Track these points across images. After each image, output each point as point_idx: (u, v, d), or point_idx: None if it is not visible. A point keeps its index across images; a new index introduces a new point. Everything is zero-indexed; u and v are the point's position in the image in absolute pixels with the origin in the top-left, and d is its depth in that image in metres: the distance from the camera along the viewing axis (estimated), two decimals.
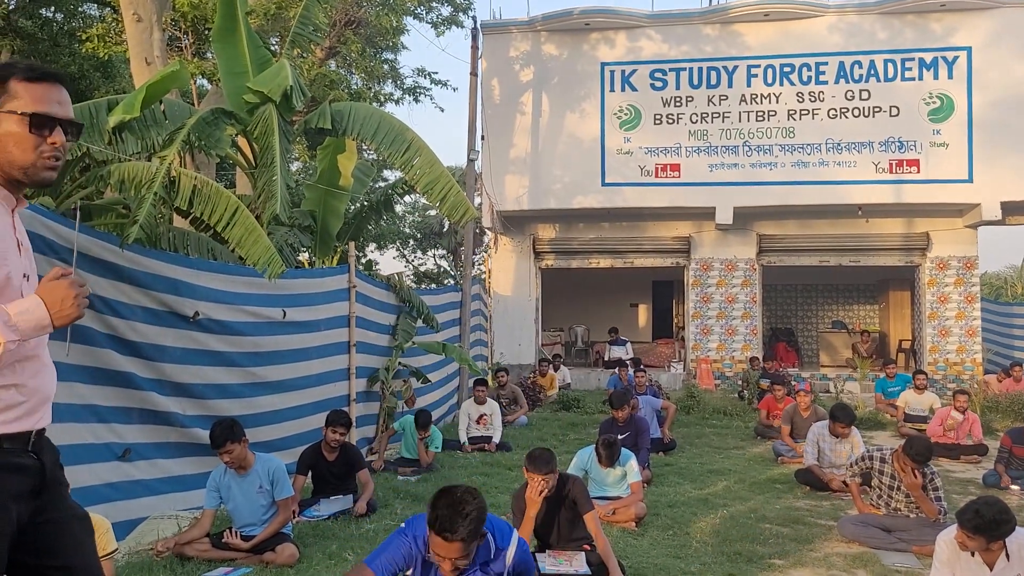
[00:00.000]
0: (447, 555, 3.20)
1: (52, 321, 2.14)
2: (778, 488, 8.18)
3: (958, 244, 17.70)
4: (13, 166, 2.23)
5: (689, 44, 17.81)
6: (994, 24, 16.79)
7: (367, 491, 6.88)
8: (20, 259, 2.27)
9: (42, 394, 2.31)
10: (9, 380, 2.20)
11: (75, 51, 16.06)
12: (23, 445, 2.27)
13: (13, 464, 2.24)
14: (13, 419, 2.22)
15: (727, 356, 18.30)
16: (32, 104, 2.22)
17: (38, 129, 2.22)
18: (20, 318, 2.11)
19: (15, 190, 2.29)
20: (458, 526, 3.15)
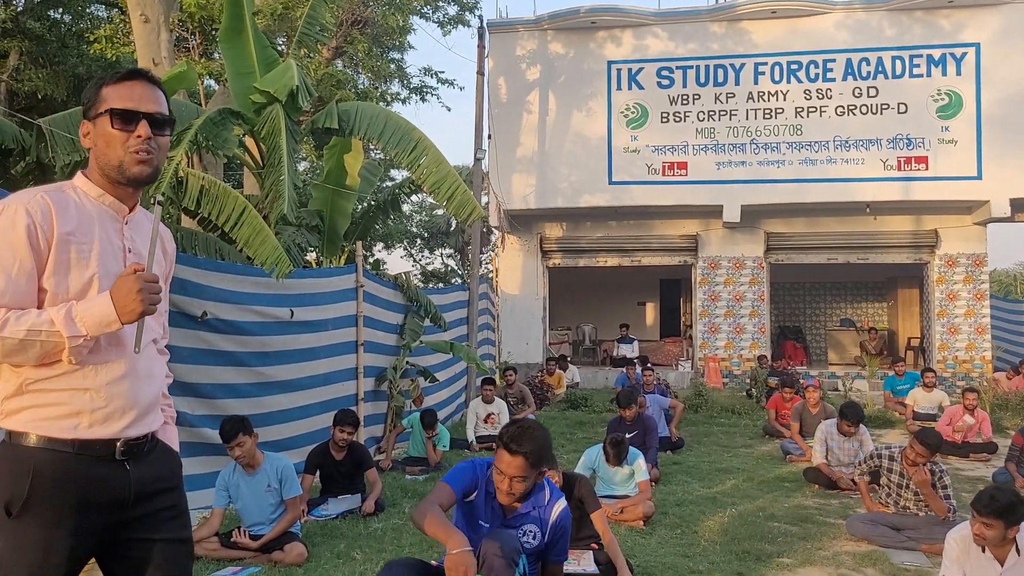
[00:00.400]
0: (508, 470, 3.43)
1: (118, 316, 2.11)
2: (787, 487, 8.16)
3: (967, 241, 17.63)
4: (109, 166, 2.26)
5: (696, 42, 17.77)
6: (1003, 20, 16.71)
7: (375, 490, 6.88)
8: (121, 265, 2.26)
9: (126, 401, 2.24)
10: (84, 384, 2.19)
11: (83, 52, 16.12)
12: (107, 453, 2.22)
13: (87, 474, 2.19)
14: (87, 425, 2.18)
15: (735, 354, 18.27)
16: (115, 102, 2.25)
17: (122, 124, 2.24)
18: (84, 314, 2.11)
19: (125, 196, 2.32)
20: (524, 441, 3.42)
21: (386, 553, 5.54)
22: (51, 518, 2.14)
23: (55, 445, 2.15)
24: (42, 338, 2.09)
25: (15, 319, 2.08)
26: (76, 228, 2.20)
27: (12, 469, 2.15)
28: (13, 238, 2.12)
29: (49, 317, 2.10)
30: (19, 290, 2.13)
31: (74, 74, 16.14)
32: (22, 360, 2.12)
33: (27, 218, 2.13)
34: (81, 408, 2.17)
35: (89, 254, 2.21)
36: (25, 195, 2.20)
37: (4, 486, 2.14)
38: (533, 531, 3.63)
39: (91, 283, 2.19)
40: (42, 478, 2.13)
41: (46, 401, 2.16)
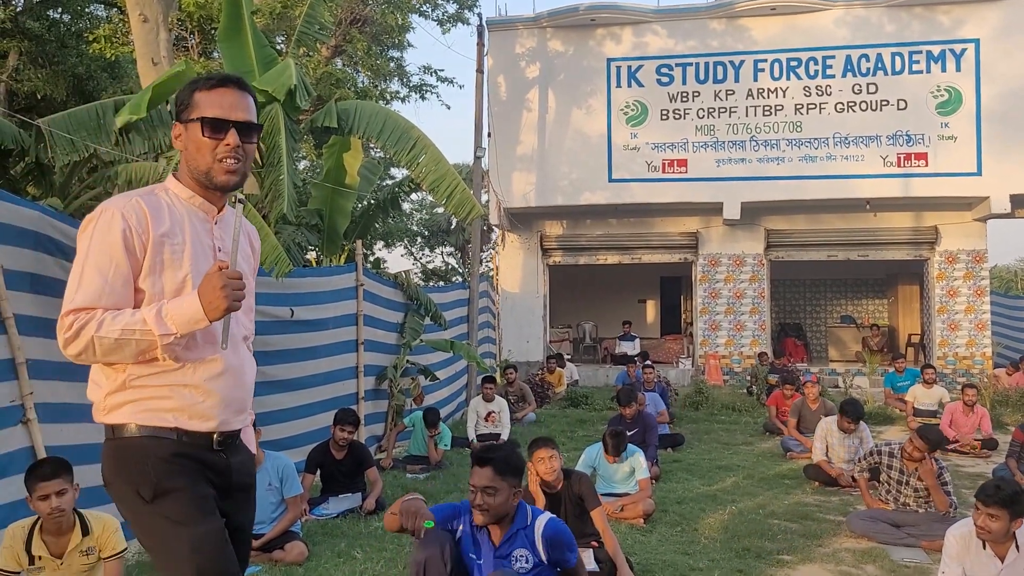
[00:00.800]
0: (478, 482, 3.52)
1: (206, 314, 2.18)
2: (787, 484, 8.17)
3: (967, 238, 17.62)
4: (199, 171, 2.35)
5: (695, 39, 17.76)
6: (1002, 16, 16.69)
7: (376, 489, 6.90)
8: (209, 263, 2.33)
9: (222, 397, 2.34)
10: (184, 380, 2.28)
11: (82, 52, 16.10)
12: (206, 443, 2.33)
13: (197, 455, 2.31)
14: (187, 418, 2.28)
15: (735, 352, 18.27)
16: (207, 110, 2.32)
17: (212, 132, 2.31)
18: (174, 313, 2.18)
19: (214, 198, 2.41)
20: (491, 451, 3.59)
21: (387, 552, 5.55)
22: (188, 485, 2.26)
23: (158, 432, 2.26)
24: (136, 337, 2.17)
25: (111, 319, 2.17)
26: (169, 230, 2.29)
27: (126, 460, 2.26)
28: (110, 242, 2.21)
29: (142, 317, 2.18)
30: (115, 292, 2.22)
31: (73, 74, 16.13)
32: (120, 358, 2.22)
33: (123, 223, 2.22)
34: (182, 404, 2.28)
35: (182, 254, 2.30)
36: (121, 200, 2.29)
37: (127, 478, 2.26)
38: (524, 555, 3.66)
39: (185, 282, 2.29)
40: (158, 459, 2.24)
41: (148, 395, 2.26)
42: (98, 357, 2.20)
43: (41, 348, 4.96)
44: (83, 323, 2.17)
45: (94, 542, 4.04)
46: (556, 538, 3.69)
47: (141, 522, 2.29)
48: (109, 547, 4.08)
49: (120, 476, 2.28)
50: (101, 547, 4.05)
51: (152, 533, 2.27)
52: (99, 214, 2.25)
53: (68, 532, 3.98)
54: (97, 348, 2.17)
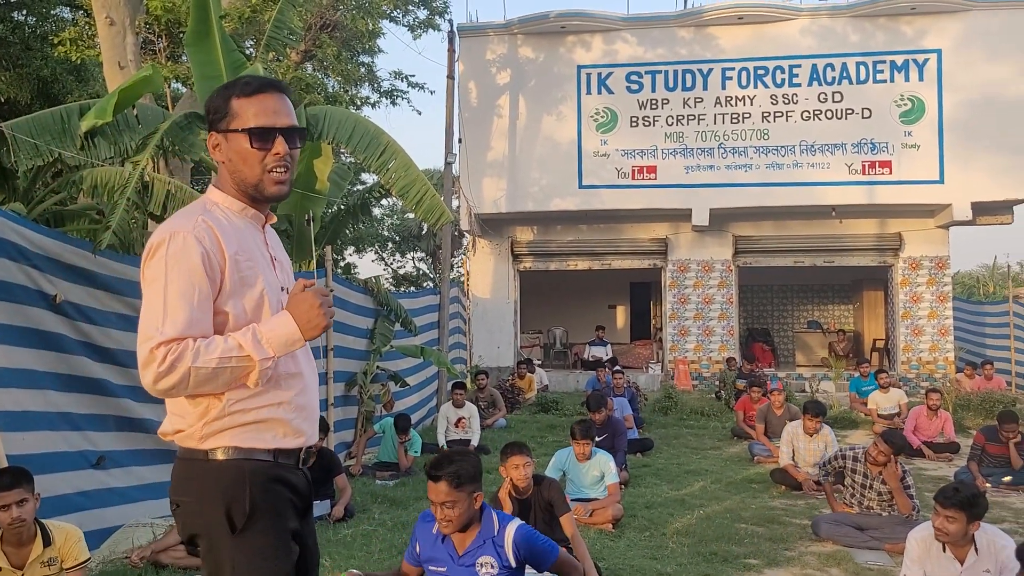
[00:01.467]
0: (435, 498, 3.49)
1: (303, 334, 2.16)
2: (754, 488, 8.25)
3: (930, 244, 17.93)
4: (247, 184, 2.27)
5: (664, 47, 17.91)
6: (964, 26, 17.03)
7: (344, 496, 6.87)
8: (275, 274, 2.32)
9: (310, 411, 2.34)
10: (278, 398, 2.24)
11: (47, 55, 15.87)
12: (295, 462, 2.30)
13: (287, 479, 2.26)
14: (282, 435, 2.24)
15: (704, 357, 18.42)
16: (251, 119, 2.23)
17: (260, 142, 2.23)
18: (271, 335, 2.14)
19: (262, 207, 2.35)
20: (442, 465, 3.48)
21: (355, 560, 5.53)
22: (277, 522, 2.22)
23: (256, 455, 2.21)
24: (232, 364, 2.10)
25: (205, 348, 2.09)
26: (239, 247, 2.23)
27: (221, 483, 2.18)
28: (190, 267, 2.12)
29: (237, 342, 2.12)
30: (202, 320, 2.13)
31: (38, 77, 15.89)
32: (211, 388, 2.14)
33: (199, 246, 2.13)
34: (278, 419, 2.24)
35: (254, 270, 2.25)
36: (187, 221, 2.19)
37: (219, 502, 2.17)
38: (489, 562, 3.64)
39: (262, 299, 2.24)
40: (256, 486, 2.18)
41: (247, 420, 2.20)
42: (190, 389, 2.11)
43: (3, 355, 4.89)
44: (177, 355, 2.06)
45: (56, 552, 3.99)
46: (530, 543, 3.69)
47: (216, 553, 2.22)
48: (71, 557, 4.02)
49: (210, 500, 2.19)
50: (63, 557, 4.00)
51: (231, 562, 2.19)
52: (168, 238, 2.15)
53: (29, 543, 3.92)
54: (192, 379, 2.08)
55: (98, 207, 8.16)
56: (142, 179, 6.95)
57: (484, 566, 3.63)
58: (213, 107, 2.30)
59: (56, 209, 8.31)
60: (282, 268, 2.39)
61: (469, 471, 3.52)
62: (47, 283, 5.28)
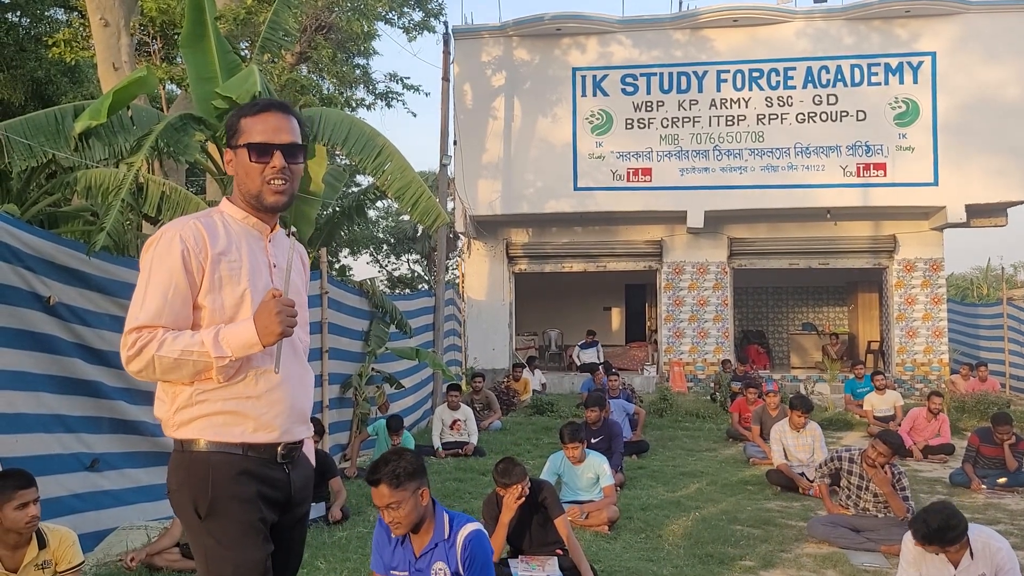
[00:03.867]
0: (379, 501, 3.48)
1: (260, 338, 2.30)
2: (750, 490, 8.26)
3: (924, 246, 17.97)
4: (250, 194, 2.49)
5: (660, 49, 17.93)
6: (958, 29, 17.08)
7: (339, 498, 6.86)
8: (270, 279, 2.49)
9: (284, 407, 2.44)
10: (247, 393, 2.39)
11: (41, 56, 15.84)
12: (271, 457, 2.43)
13: (258, 473, 2.39)
14: (252, 430, 2.38)
15: (699, 359, 18.43)
16: (254, 135, 2.45)
17: (258, 157, 2.45)
18: (230, 337, 2.30)
19: (265, 218, 2.55)
20: (379, 471, 3.45)
21: (350, 562, 5.52)
22: (241, 513, 2.35)
23: (225, 448, 2.37)
24: (193, 358, 2.28)
25: (171, 339, 2.28)
26: (226, 248, 2.42)
27: (191, 474, 2.37)
28: (169, 263, 2.34)
29: (200, 339, 2.30)
30: (175, 311, 2.33)
31: (32, 78, 15.85)
32: (177, 378, 2.33)
33: (181, 244, 2.35)
34: (247, 414, 2.38)
35: (239, 271, 2.42)
36: (179, 223, 2.43)
37: (188, 492, 2.37)
38: (443, 569, 3.58)
39: (243, 298, 2.42)
40: (220, 476, 2.34)
41: (214, 409, 2.36)
42: (158, 375, 2.31)
43: None
44: (145, 342, 2.28)
45: (50, 555, 3.97)
46: (475, 553, 3.59)
47: (193, 536, 2.41)
48: (66, 560, 4.01)
49: (183, 489, 2.38)
50: (58, 560, 3.98)
51: (200, 549, 2.39)
52: (159, 237, 2.38)
53: (24, 546, 3.90)
54: (157, 367, 2.28)
55: (92, 209, 8.14)
56: (136, 181, 6.93)
57: (438, 573, 3.58)
58: (228, 125, 2.54)
59: (50, 211, 8.28)
60: (281, 274, 2.51)
61: (407, 468, 3.46)
62: (41, 285, 5.26)
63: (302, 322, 2.58)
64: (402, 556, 3.64)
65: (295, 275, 2.57)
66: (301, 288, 2.63)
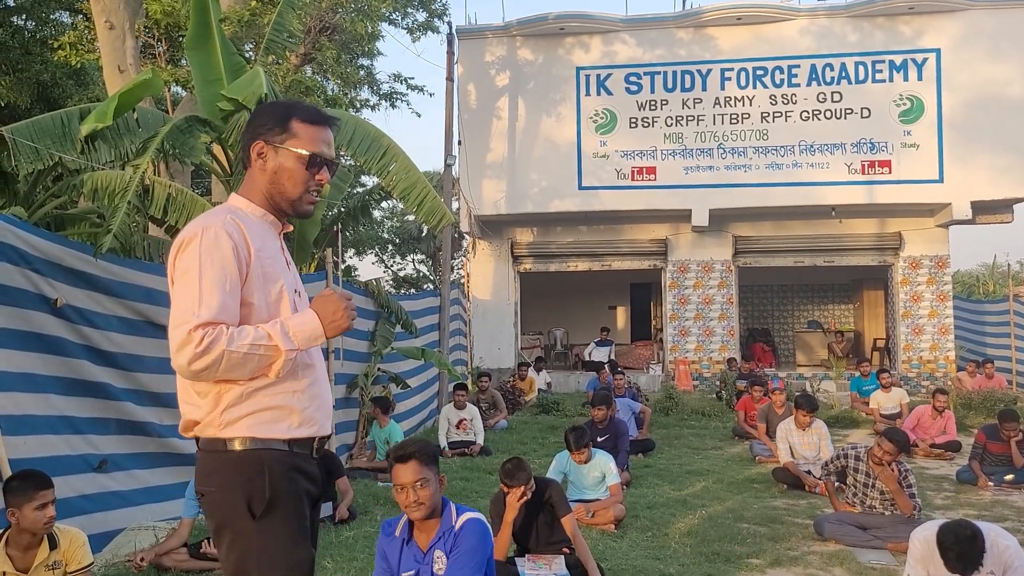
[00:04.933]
0: (407, 479, 3.41)
1: (325, 331, 2.31)
2: (756, 488, 8.25)
3: (930, 243, 17.94)
4: (283, 198, 2.48)
5: (663, 48, 17.93)
6: (962, 26, 17.04)
7: (346, 498, 6.87)
8: (292, 276, 2.50)
9: (322, 401, 2.46)
10: (293, 387, 2.37)
11: (47, 59, 15.89)
12: (309, 451, 2.43)
13: (302, 468, 2.39)
14: (297, 424, 2.37)
15: (705, 357, 18.42)
16: (310, 144, 2.45)
17: (311, 167, 2.46)
18: (297, 329, 2.29)
19: (281, 217, 2.55)
20: (408, 446, 3.50)
21: (357, 561, 5.53)
22: (295, 511, 2.34)
23: (273, 444, 2.33)
24: (261, 352, 2.26)
25: (238, 333, 2.24)
26: (262, 244, 2.42)
27: (242, 472, 2.30)
28: (222, 256, 2.29)
29: (267, 332, 2.28)
30: (232, 306, 2.30)
31: (38, 81, 15.90)
32: (240, 374, 2.28)
33: (229, 239, 2.32)
34: (293, 408, 2.36)
35: (275, 266, 2.44)
36: (215, 218, 2.37)
37: (240, 491, 2.29)
38: (441, 556, 3.55)
39: (281, 293, 2.42)
40: (275, 474, 2.30)
41: (264, 405, 2.33)
42: (220, 373, 2.24)
43: (4, 359, 4.89)
44: (213, 338, 2.20)
45: (61, 556, 3.99)
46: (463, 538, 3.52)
47: (247, 538, 2.30)
48: (76, 561, 4.03)
49: (232, 489, 2.29)
50: (68, 561, 4.01)
51: (248, 551, 2.29)
52: (201, 232, 2.31)
53: (35, 546, 3.93)
54: (224, 363, 2.21)
55: (99, 211, 8.16)
56: (143, 183, 6.95)
57: (438, 560, 3.55)
58: (269, 118, 2.48)
59: (57, 213, 8.31)
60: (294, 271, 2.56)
61: (432, 452, 3.54)
62: (48, 287, 5.28)
63: None
64: (410, 556, 3.61)
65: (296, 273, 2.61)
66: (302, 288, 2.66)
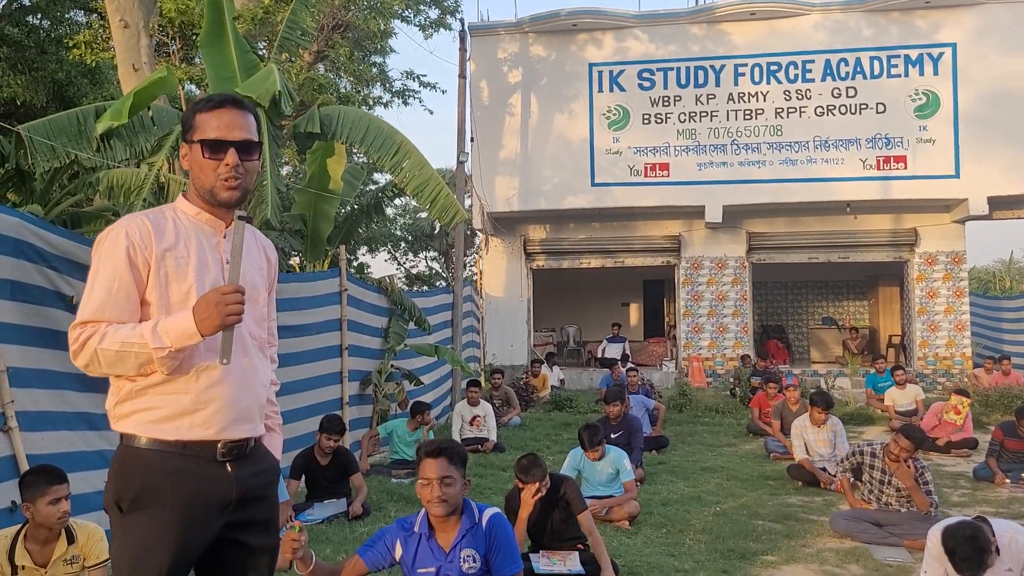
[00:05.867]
0: (434, 473, 3.44)
1: (199, 329, 2.25)
2: (770, 484, 8.22)
3: (946, 239, 17.81)
4: (203, 189, 2.45)
5: (676, 44, 17.86)
6: (978, 20, 16.90)
7: (361, 494, 6.89)
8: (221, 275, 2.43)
9: (223, 404, 2.38)
10: (185, 389, 2.34)
11: (62, 58, 15.99)
12: (210, 454, 2.37)
13: (195, 471, 2.34)
14: (188, 427, 2.34)
15: (718, 354, 18.36)
16: (209, 131, 2.42)
17: (212, 153, 2.41)
18: (168, 327, 2.25)
19: (220, 213, 2.50)
20: (442, 445, 3.54)
21: None
22: (160, 515, 2.31)
23: (162, 446, 2.33)
24: (135, 350, 2.25)
25: (112, 332, 2.26)
26: (173, 244, 2.40)
27: (123, 468, 2.34)
28: (114, 258, 2.33)
29: (140, 331, 2.26)
30: (118, 305, 2.31)
31: (53, 80, 16.01)
32: (122, 371, 2.29)
33: (126, 240, 2.34)
34: (183, 410, 2.34)
35: (186, 268, 2.40)
36: (127, 219, 2.41)
37: (117, 484, 2.34)
38: (472, 555, 3.55)
39: (189, 293, 2.38)
40: (152, 475, 2.31)
41: (152, 404, 2.33)
42: (103, 369, 2.28)
43: (21, 356, 4.93)
44: (88, 335, 2.26)
45: (79, 550, 4.02)
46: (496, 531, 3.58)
47: (113, 527, 2.38)
48: (93, 556, 4.05)
49: (113, 480, 2.36)
50: (86, 555, 4.03)
51: (116, 541, 2.37)
52: (107, 233, 2.38)
53: (54, 541, 3.96)
54: (101, 360, 2.26)
55: (114, 208, 8.21)
56: (158, 180, 6.99)
57: (467, 559, 3.55)
58: (183, 121, 2.51)
59: (73, 211, 8.37)
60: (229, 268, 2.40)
61: (463, 455, 3.59)
62: (65, 284, 5.32)
63: (259, 317, 2.53)
64: (428, 554, 3.58)
65: (252, 268, 2.54)
66: (259, 282, 2.58)
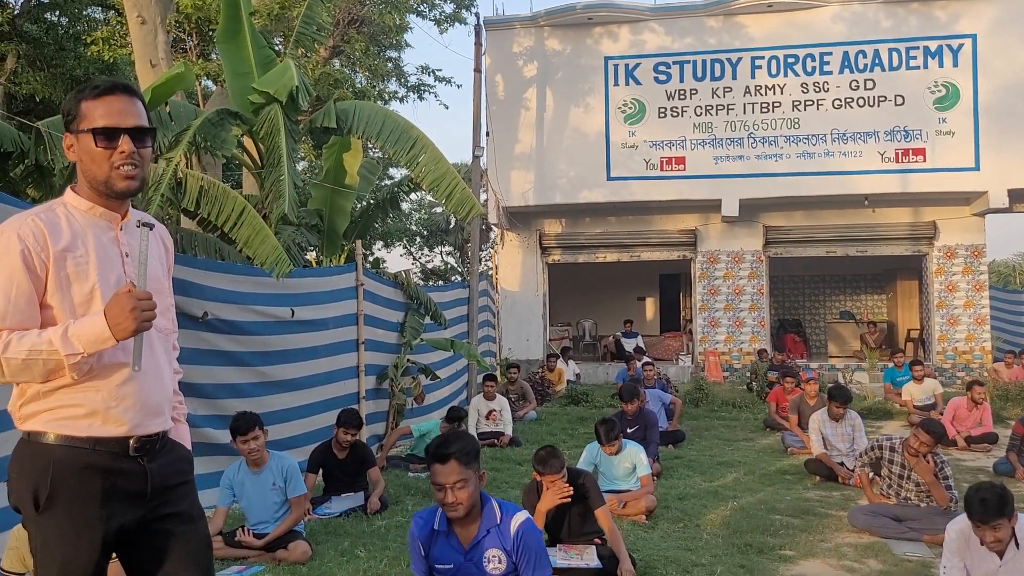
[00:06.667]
0: (446, 479, 3.36)
1: (112, 333, 2.19)
2: (788, 479, 8.19)
3: (965, 232, 17.64)
4: (97, 181, 2.34)
5: (693, 37, 17.77)
6: (999, 11, 16.71)
7: (378, 488, 6.91)
8: (123, 271, 2.36)
9: (135, 400, 2.34)
10: (95, 387, 2.28)
11: (80, 54, 16.11)
12: (122, 450, 2.33)
13: (107, 466, 2.30)
14: (100, 423, 2.29)
15: (735, 348, 18.29)
16: (98, 119, 2.31)
17: (105, 142, 2.31)
18: (80, 332, 2.19)
19: (114, 206, 2.40)
20: (448, 443, 3.42)
21: (390, 551, 5.57)
22: (78, 510, 2.27)
23: (73, 442, 2.27)
24: (43, 357, 2.17)
25: (17, 340, 2.17)
26: (70, 243, 2.29)
27: (33, 464, 2.27)
28: (9, 263, 2.21)
29: (48, 337, 2.18)
30: (19, 312, 2.22)
31: (71, 76, 16.15)
32: (29, 378, 2.23)
33: (20, 243, 2.22)
34: (95, 408, 2.28)
35: (87, 266, 2.30)
36: (16, 220, 2.28)
37: (28, 481, 2.27)
38: (497, 556, 3.49)
39: (93, 293, 2.29)
40: (62, 470, 2.25)
41: (61, 403, 2.27)
42: (8, 378, 2.21)
43: None
44: None
45: None
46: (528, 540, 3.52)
47: (29, 527, 2.32)
48: None
49: (22, 478, 2.29)
50: None
51: (36, 540, 2.31)
52: None
53: None
54: (6, 369, 2.18)
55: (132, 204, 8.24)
56: (175, 175, 7.03)
57: (492, 560, 3.48)
58: (66, 109, 2.38)
59: None
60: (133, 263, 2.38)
61: (474, 448, 3.47)
62: None
63: (162, 308, 2.44)
64: (447, 550, 3.53)
65: (154, 262, 2.47)
66: (161, 276, 2.52)
